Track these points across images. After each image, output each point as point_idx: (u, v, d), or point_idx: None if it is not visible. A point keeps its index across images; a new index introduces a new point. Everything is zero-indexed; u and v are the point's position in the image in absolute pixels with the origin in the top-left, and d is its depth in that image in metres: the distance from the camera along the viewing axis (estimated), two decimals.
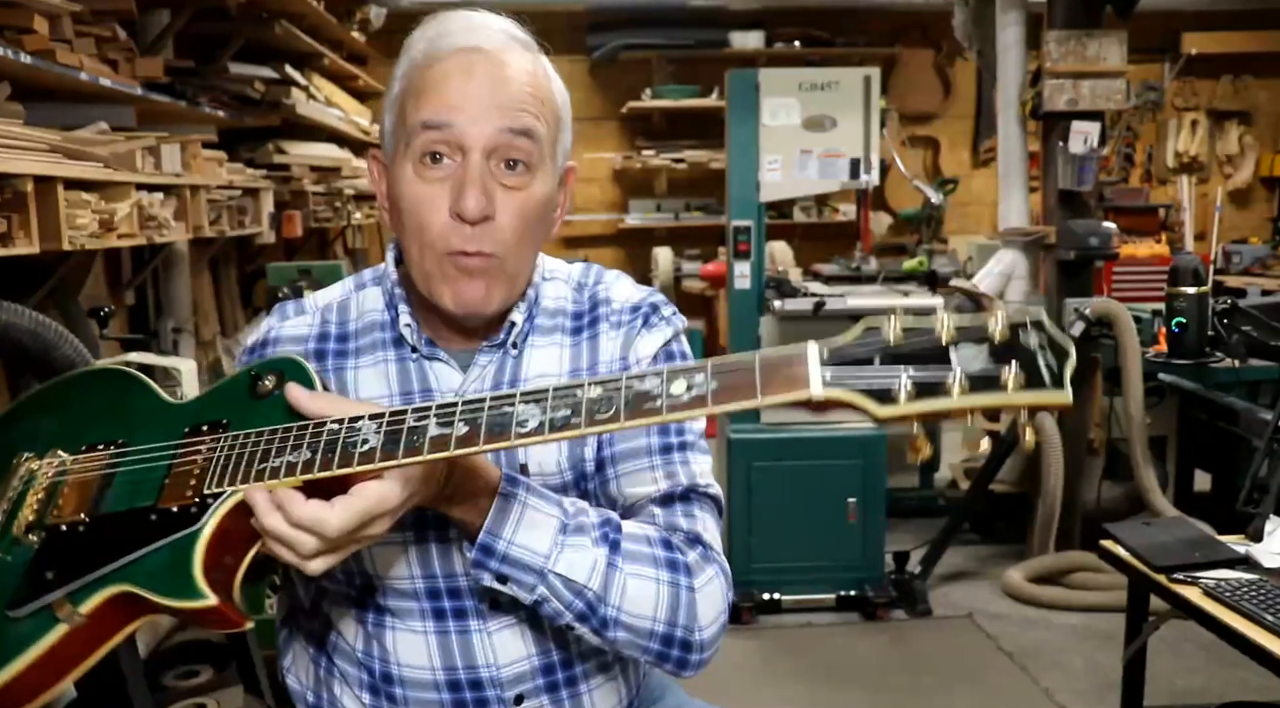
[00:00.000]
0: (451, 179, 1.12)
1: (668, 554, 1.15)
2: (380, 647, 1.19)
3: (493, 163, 1.13)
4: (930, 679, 3.34)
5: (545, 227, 1.20)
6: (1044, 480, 3.97)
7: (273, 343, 1.24)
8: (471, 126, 1.11)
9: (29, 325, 1.94)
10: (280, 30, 3.96)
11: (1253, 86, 7.52)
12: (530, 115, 1.14)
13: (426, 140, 1.12)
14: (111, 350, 3.04)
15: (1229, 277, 6.53)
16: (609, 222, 7.18)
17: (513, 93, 1.13)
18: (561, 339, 1.25)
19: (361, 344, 1.24)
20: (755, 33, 6.85)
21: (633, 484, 1.22)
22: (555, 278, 1.29)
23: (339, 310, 1.27)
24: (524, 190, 1.15)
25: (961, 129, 7.44)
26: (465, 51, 1.13)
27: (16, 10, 2.31)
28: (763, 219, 3.79)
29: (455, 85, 1.12)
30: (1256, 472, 2.27)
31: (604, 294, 1.28)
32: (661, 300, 1.29)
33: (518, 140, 1.13)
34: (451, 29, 1.15)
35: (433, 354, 1.21)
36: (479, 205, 1.10)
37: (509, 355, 1.22)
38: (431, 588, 1.18)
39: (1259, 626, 1.86)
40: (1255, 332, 3.64)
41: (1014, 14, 4.21)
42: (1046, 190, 4.25)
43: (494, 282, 1.15)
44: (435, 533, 1.17)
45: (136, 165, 2.72)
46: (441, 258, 1.13)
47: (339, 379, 1.22)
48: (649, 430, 1.22)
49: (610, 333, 1.25)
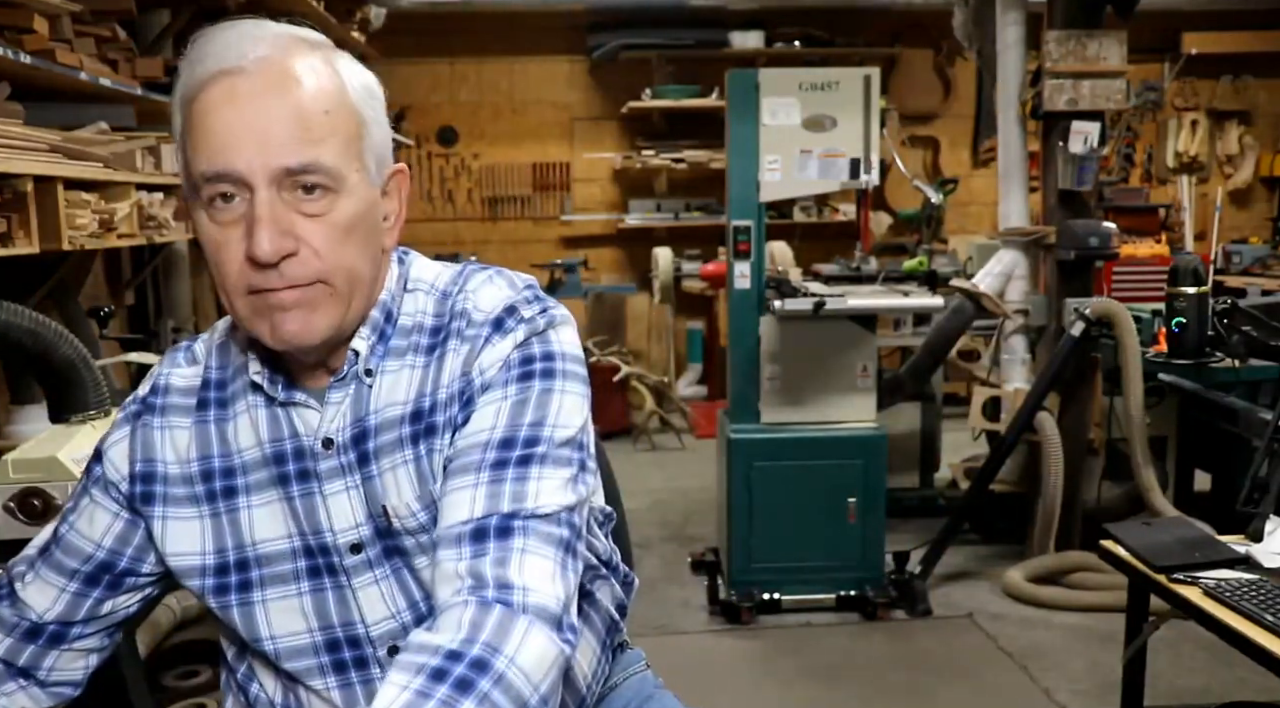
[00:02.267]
0: (244, 219, 1.02)
1: (446, 684, 0.92)
2: (298, 703, 1.19)
3: (285, 193, 1.02)
4: (930, 679, 3.34)
5: (373, 237, 1.09)
6: (1044, 480, 3.97)
7: (162, 392, 1.19)
8: (246, 167, 1.00)
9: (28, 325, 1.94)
10: None
11: (1253, 86, 7.52)
12: (308, 143, 1.01)
13: (210, 190, 1.02)
14: (111, 350, 3.04)
15: (1229, 277, 6.53)
16: (609, 222, 7.17)
17: (285, 118, 1.01)
18: (414, 359, 1.13)
19: (235, 390, 1.16)
20: (755, 33, 6.85)
21: (446, 509, 1.06)
22: (417, 289, 1.16)
23: (219, 354, 1.19)
24: (329, 213, 1.04)
25: (961, 129, 7.44)
26: (226, 75, 1.01)
27: (16, 10, 2.31)
28: (763, 219, 3.79)
29: (221, 122, 1.01)
30: (1256, 472, 2.26)
31: (463, 304, 1.13)
32: (524, 299, 1.13)
33: (302, 177, 1.02)
34: (211, 50, 1.03)
35: (290, 398, 1.13)
36: (272, 247, 1.01)
37: (364, 384, 1.12)
38: (330, 640, 1.16)
39: (1259, 626, 1.85)
40: (1255, 332, 3.64)
41: (1014, 14, 4.21)
42: (1046, 190, 4.25)
43: (317, 310, 1.05)
44: (330, 581, 1.15)
45: (136, 165, 2.72)
46: (248, 298, 1.04)
47: (219, 431, 1.16)
48: (487, 436, 1.07)
49: (458, 349, 1.11)
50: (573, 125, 7.05)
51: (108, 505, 1.19)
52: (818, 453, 3.76)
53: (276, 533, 1.14)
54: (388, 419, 1.12)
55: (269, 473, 1.14)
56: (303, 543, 1.14)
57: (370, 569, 1.14)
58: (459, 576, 1.00)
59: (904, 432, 4.78)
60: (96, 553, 1.19)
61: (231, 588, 1.15)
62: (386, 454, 1.12)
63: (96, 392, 2.03)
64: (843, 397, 3.80)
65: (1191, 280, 3.64)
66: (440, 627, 0.97)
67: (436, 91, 6.91)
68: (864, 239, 4.36)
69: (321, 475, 1.13)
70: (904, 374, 4.56)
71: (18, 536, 1.77)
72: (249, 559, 1.15)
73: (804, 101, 3.65)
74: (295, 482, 1.13)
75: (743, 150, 3.71)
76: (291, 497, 1.14)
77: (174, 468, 1.16)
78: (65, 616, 1.21)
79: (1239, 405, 3.73)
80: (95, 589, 1.21)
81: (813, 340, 3.77)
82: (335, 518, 1.13)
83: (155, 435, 1.17)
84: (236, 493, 1.15)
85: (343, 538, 1.13)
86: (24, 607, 1.21)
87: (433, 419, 1.11)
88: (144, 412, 1.19)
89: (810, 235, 7.02)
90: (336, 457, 1.12)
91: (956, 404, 5.80)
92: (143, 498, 1.17)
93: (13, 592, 1.22)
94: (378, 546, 1.14)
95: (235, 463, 1.15)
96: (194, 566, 1.16)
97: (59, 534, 1.21)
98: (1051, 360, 4.00)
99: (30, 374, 2.32)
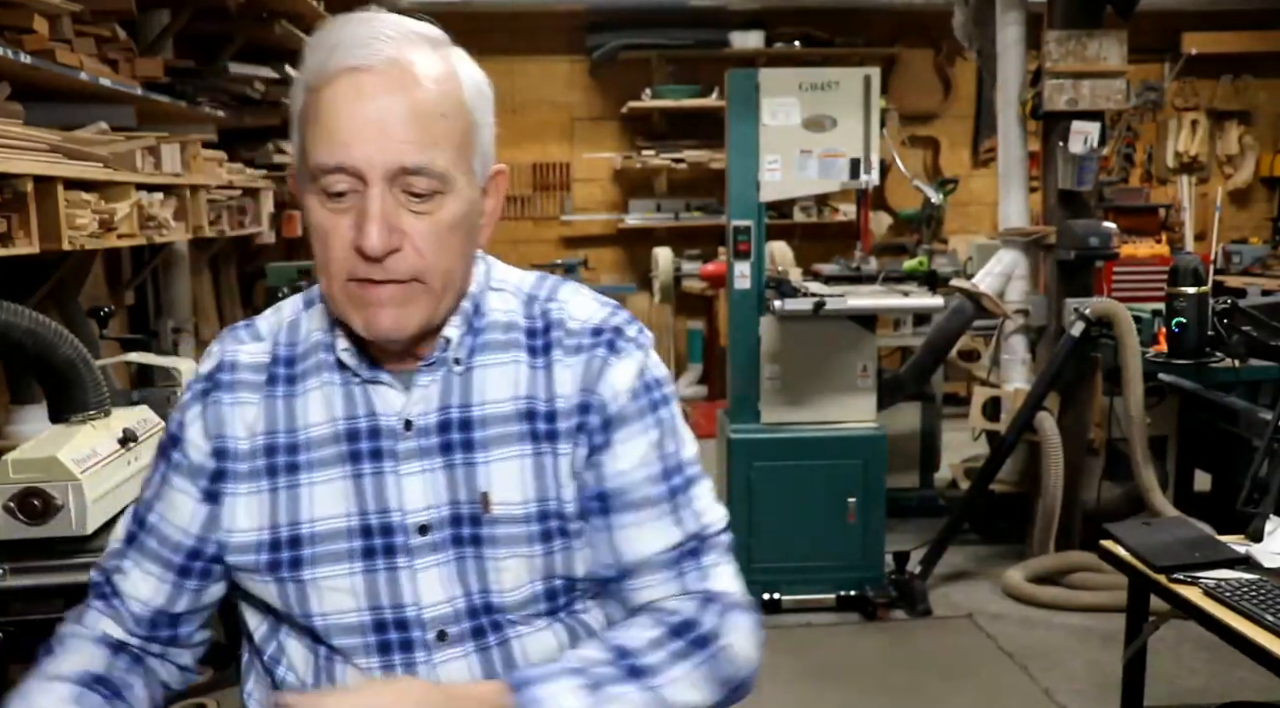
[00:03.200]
0: (355, 210, 1.05)
1: (684, 640, 1.13)
2: (330, 682, 1.18)
3: (396, 190, 1.06)
4: (930, 679, 3.34)
5: (471, 236, 1.13)
6: (1044, 480, 3.97)
7: (228, 368, 1.19)
8: (365, 161, 1.04)
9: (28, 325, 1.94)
10: (280, 30, 3.96)
11: (1253, 86, 7.52)
12: (426, 145, 1.05)
13: (326, 181, 1.06)
14: (111, 350, 3.04)
15: (1229, 277, 6.53)
16: (609, 222, 7.17)
17: (406, 118, 1.04)
18: (517, 357, 1.17)
19: (307, 367, 1.18)
20: (755, 33, 6.85)
21: (638, 540, 1.16)
22: (503, 289, 1.21)
23: (289, 331, 1.21)
24: (435, 213, 1.07)
25: (961, 129, 7.44)
26: (353, 72, 1.04)
27: (16, 10, 2.31)
28: (763, 219, 3.79)
29: (344, 117, 1.04)
30: (1256, 472, 2.26)
31: (558, 313, 1.19)
32: (624, 319, 1.20)
33: (414, 177, 1.05)
34: (341, 41, 1.06)
35: (374, 377, 1.16)
36: (381, 242, 1.04)
37: (454, 374, 1.16)
38: (378, 620, 1.16)
39: (1259, 626, 1.85)
40: (1255, 332, 3.64)
41: (1014, 14, 4.21)
42: (1046, 190, 4.25)
43: (411, 306, 1.09)
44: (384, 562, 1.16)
45: (136, 165, 2.72)
46: (347, 285, 1.08)
47: (287, 407, 1.17)
48: (649, 471, 1.17)
49: (566, 359, 1.17)
50: (573, 125, 7.04)
51: (190, 491, 1.18)
52: (818, 453, 3.76)
53: (335, 511, 1.15)
54: (496, 413, 1.15)
55: (337, 450, 1.16)
56: (361, 522, 1.15)
57: (433, 552, 1.15)
58: (673, 593, 1.17)
59: (904, 432, 4.78)
60: (185, 540, 1.19)
61: (284, 564, 1.16)
62: (495, 445, 1.15)
63: (96, 392, 2.03)
64: (843, 397, 3.80)
65: (1191, 280, 3.65)
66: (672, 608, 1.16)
67: None
68: (864, 239, 4.36)
69: (399, 455, 1.15)
70: (904, 374, 4.56)
71: (18, 536, 1.77)
72: (302, 536, 1.15)
73: (804, 101, 3.65)
74: (367, 460, 1.15)
75: (743, 150, 3.71)
76: (361, 475, 1.15)
77: (242, 443, 1.17)
78: (168, 605, 1.21)
79: (1239, 405, 3.73)
80: (190, 578, 1.20)
81: (813, 340, 3.77)
82: (407, 498, 1.15)
83: (226, 412, 1.18)
84: (299, 469, 1.16)
85: (412, 518, 1.15)
86: (128, 599, 1.20)
87: (553, 425, 1.16)
88: (212, 388, 1.19)
89: (810, 235, 7.02)
90: (417, 439, 1.15)
91: (956, 404, 5.80)
92: (218, 475, 1.18)
93: (115, 587, 1.21)
94: (447, 530, 1.15)
95: (300, 439, 1.16)
96: (249, 541, 1.16)
97: (148, 523, 1.21)
98: (1051, 360, 4.00)
99: (30, 374, 2.32)
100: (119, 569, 1.21)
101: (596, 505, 1.17)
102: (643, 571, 1.17)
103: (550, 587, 1.16)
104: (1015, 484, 4.32)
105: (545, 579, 1.16)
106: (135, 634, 1.21)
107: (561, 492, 1.16)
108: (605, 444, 1.16)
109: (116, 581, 1.21)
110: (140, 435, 2.05)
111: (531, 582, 1.15)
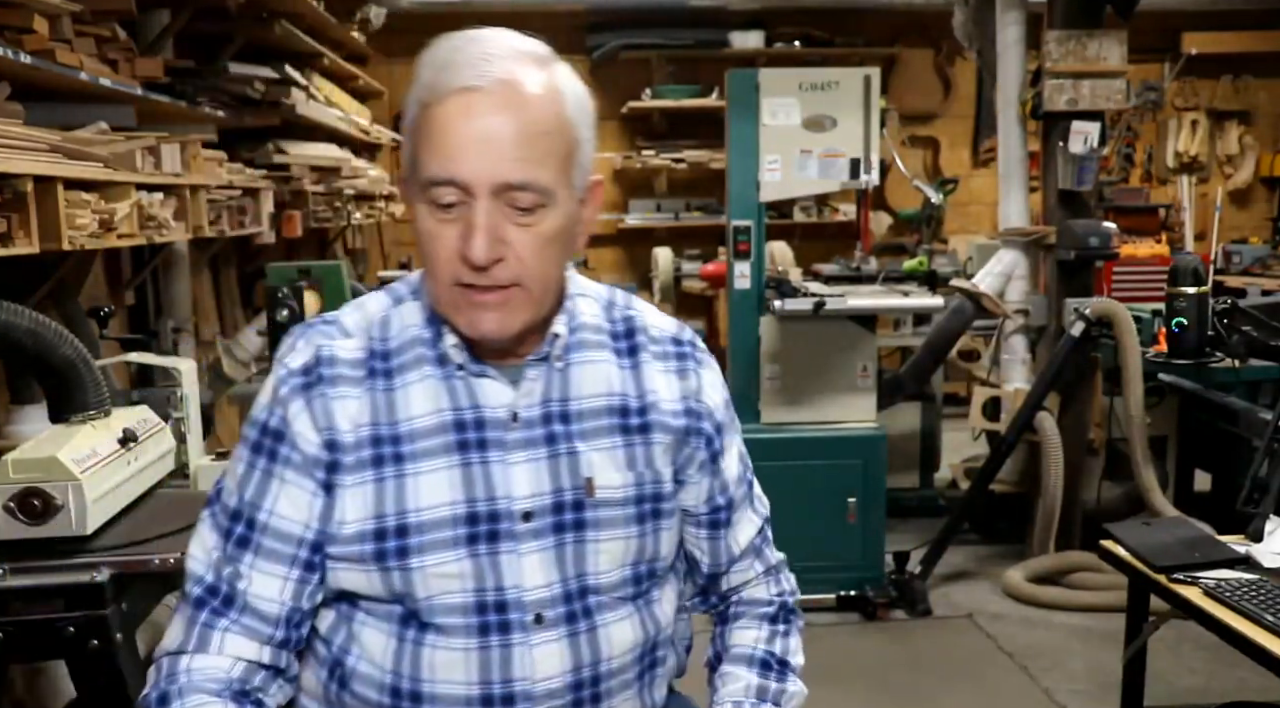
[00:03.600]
0: (461, 220, 1.12)
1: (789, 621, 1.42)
2: (413, 665, 1.19)
3: (502, 203, 1.12)
4: (930, 679, 3.34)
5: (569, 246, 1.20)
6: (1044, 480, 3.97)
7: (327, 362, 1.20)
8: (472, 176, 1.10)
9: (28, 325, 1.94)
10: (280, 30, 3.95)
11: (1253, 86, 7.52)
12: (531, 163, 1.11)
13: (434, 193, 1.12)
14: (111, 350, 3.04)
15: (1229, 277, 6.53)
16: (609, 222, 7.17)
17: (514, 137, 1.11)
18: (608, 357, 1.27)
19: (405, 361, 1.22)
20: (755, 33, 6.85)
21: (739, 536, 1.38)
22: (586, 293, 1.30)
23: (380, 327, 1.24)
24: (537, 226, 1.14)
25: (961, 129, 7.44)
26: (465, 93, 1.11)
27: (16, 10, 2.30)
28: (763, 219, 3.79)
29: (454, 134, 1.11)
30: (1256, 472, 2.26)
31: (639, 319, 1.31)
32: (692, 333, 1.36)
33: (519, 192, 1.12)
34: (456, 60, 1.13)
35: (481, 371, 1.21)
36: (485, 253, 1.11)
37: (553, 369, 1.24)
38: (480, 602, 1.19)
39: (1259, 626, 1.85)
40: (1255, 332, 3.64)
41: (1014, 14, 4.21)
42: (1046, 190, 4.25)
43: (513, 310, 1.16)
44: (488, 547, 1.19)
45: (136, 165, 2.72)
46: (452, 289, 1.15)
47: (388, 399, 1.20)
48: (740, 472, 1.38)
49: (655, 364, 1.29)
50: None
51: (305, 484, 1.19)
52: (818, 453, 3.75)
53: (441, 499, 1.19)
54: (593, 407, 1.25)
55: (444, 440, 1.20)
56: (468, 510, 1.19)
57: (535, 538, 1.21)
58: (758, 572, 1.41)
59: (904, 432, 4.78)
60: (306, 534, 1.19)
61: (390, 553, 1.17)
62: (594, 437, 1.24)
63: (96, 392, 2.03)
64: (843, 397, 3.80)
65: (1191, 280, 3.65)
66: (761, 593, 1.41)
67: None
68: (864, 239, 4.36)
69: (508, 445, 1.21)
70: (904, 374, 4.56)
71: (18, 536, 1.77)
72: (409, 525, 1.18)
73: (804, 101, 3.65)
74: (474, 449, 1.20)
75: (743, 150, 3.71)
76: (469, 463, 1.20)
77: (348, 436, 1.19)
78: (296, 601, 1.19)
79: (1239, 405, 3.73)
80: (314, 572, 1.20)
81: (813, 340, 3.77)
82: (515, 486, 1.20)
83: (331, 404, 1.19)
84: (404, 460, 1.19)
85: (519, 505, 1.20)
86: (257, 603, 1.18)
87: (645, 419, 1.27)
88: (314, 383, 1.20)
89: (810, 235, 7.02)
90: (524, 430, 1.22)
91: (956, 404, 5.80)
92: (332, 466, 1.19)
93: (237, 596, 1.18)
94: (549, 517, 1.21)
95: (403, 431, 1.19)
96: (356, 532, 1.18)
97: (259, 522, 1.19)
98: (1051, 360, 4.00)
99: (30, 374, 2.32)
100: (237, 575, 1.18)
101: (724, 515, 1.35)
102: (738, 560, 1.38)
103: (637, 572, 1.26)
104: (1015, 484, 4.32)
105: (634, 564, 1.26)
106: (271, 643, 1.19)
107: (658, 475, 1.27)
108: (720, 453, 1.33)
109: (239, 587, 1.18)
110: (140, 435, 2.05)
111: (623, 566, 1.25)
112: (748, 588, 1.40)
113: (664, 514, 1.28)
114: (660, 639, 1.31)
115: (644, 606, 1.27)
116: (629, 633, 1.25)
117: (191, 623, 1.18)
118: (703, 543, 1.36)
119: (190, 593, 1.19)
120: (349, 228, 5.81)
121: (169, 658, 1.18)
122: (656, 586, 1.30)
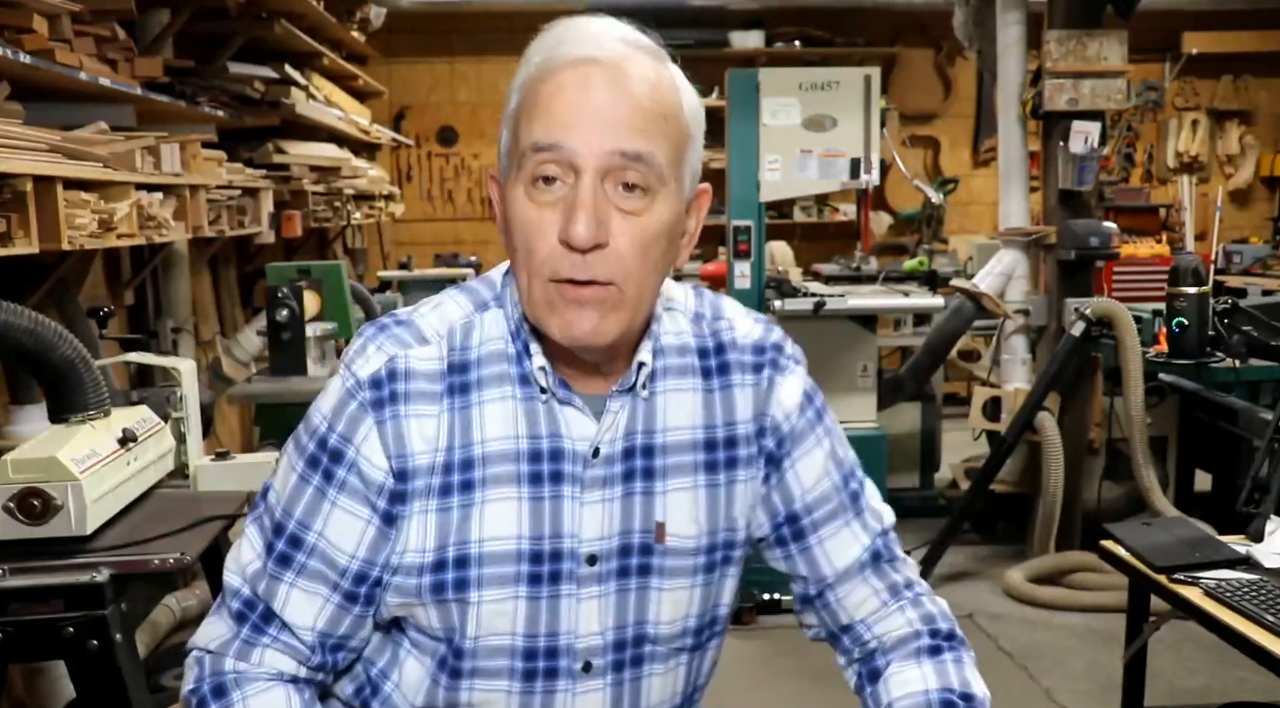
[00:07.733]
0: (563, 202, 1.02)
1: (954, 648, 1.21)
2: (448, 705, 1.13)
3: (608, 185, 1.03)
4: None
5: (671, 254, 1.10)
6: (1044, 480, 3.96)
7: (403, 376, 1.09)
8: (583, 146, 1.02)
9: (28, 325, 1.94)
10: (280, 30, 3.96)
11: (1253, 86, 7.52)
12: (646, 136, 1.04)
13: (537, 162, 1.03)
14: (111, 350, 3.04)
15: (1229, 277, 6.53)
16: None
17: (630, 109, 1.03)
18: (695, 383, 1.16)
19: (484, 375, 1.11)
20: (755, 32, 6.85)
21: (835, 552, 1.22)
22: (673, 308, 1.19)
23: (462, 334, 1.12)
24: (642, 215, 1.04)
25: (961, 129, 7.44)
26: (581, 63, 1.04)
27: (16, 10, 2.30)
28: (763, 219, 3.79)
29: (568, 101, 1.03)
30: (1256, 472, 2.26)
31: (728, 333, 1.19)
32: (781, 336, 1.23)
33: (632, 164, 1.03)
34: (568, 38, 1.07)
35: (568, 398, 1.11)
36: (589, 232, 1.01)
37: (639, 399, 1.13)
38: (530, 648, 1.12)
39: (1259, 626, 1.85)
40: (1256, 332, 3.64)
41: (1014, 14, 4.21)
42: (1047, 190, 4.25)
43: (609, 313, 1.04)
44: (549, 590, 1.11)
45: (136, 165, 2.72)
46: (548, 285, 1.03)
47: (463, 418, 1.09)
48: (831, 481, 1.22)
49: (742, 383, 1.18)
50: None
51: (361, 512, 1.09)
52: None
53: (507, 532, 1.10)
54: (677, 442, 1.15)
55: (515, 468, 1.10)
56: (533, 547, 1.10)
57: (597, 583, 1.13)
58: (877, 593, 1.23)
59: (904, 432, 4.78)
60: (352, 564, 1.10)
61: (448, 585, 1.09)
62: (675, 475, 1.14)
63: (96, 392, 2.03)
64: (843, 397, 3.80)
65: (1192, 280, 3.64)
66: (899, 624, 1.23)
67: (436, 91, 6.90)
68: (864, 239, 4.37)
69: (585, 482, 1.11)
70: (904, 374, 4.55)
71: (17, 536, 1.77)
72: (470, 556, 1.09)
73: (804, 101, 3.65)
74: (547, 483, 1.11)
75: (743, 150, 3.71)
76: (540, 497, 1.10)
77: (422, 460, 1.09)
78: (331, 628, 1.12)
79: (1239, 405, 3.73)
80: (357, 604, 1.12)
81: (813, 340, 3.73)
82: (585, 526, 1.11)
83: (405, 426, 1.08)
84: (473, 487, 1.09)
85: (585, 547, 1.12)
86: (295, 628, 1.11)
87: (733, 453, 1.17)
88: (386, 401, 1.08)
89: (810, 235, 7.02)
90: (603, 467, 1.12)
91: (956, 404, 5.80)
92: (397, 496, 1.09)
93: (274, 616, 1.11)
94: (614, 561, 1.13)
95: (475, 454, 1.09)
96: (415, 564, 1.10)
97: (306, 543, 1.11)
98: (1052, 360, 4.00)
99: (30, 374, 2.31)
100: (273, 594, 1.11)
101: (789, 530, 1.22)
102: (843, 580, 1.22)
103: (700, 623, 1.18)
104: (1015, 484, 4.32)
105: (698, 615, 1.18)
106: (308, 664, 1.12)
107: (734, 521, 1.18)
108: (785, 465, 1.20)
109: (275, 607, 1.11)
110: (140, 436, 2.05)
111: (686, 617, 1.16)
112: (878, 622, 1.23)
113: (733, 561, 1.19)
114: (700, 686, 1.24)
115: (697, 656, 1.20)
116: (672, 684, 1.19)
117: (234, 634, 1.12)
118: (780, 563, 1.25)
119: (230, 605, 1.13)
120: (349, 228, 5.81)
121: (211, 657, 1.12)
122: (716, 637, 1.22)
